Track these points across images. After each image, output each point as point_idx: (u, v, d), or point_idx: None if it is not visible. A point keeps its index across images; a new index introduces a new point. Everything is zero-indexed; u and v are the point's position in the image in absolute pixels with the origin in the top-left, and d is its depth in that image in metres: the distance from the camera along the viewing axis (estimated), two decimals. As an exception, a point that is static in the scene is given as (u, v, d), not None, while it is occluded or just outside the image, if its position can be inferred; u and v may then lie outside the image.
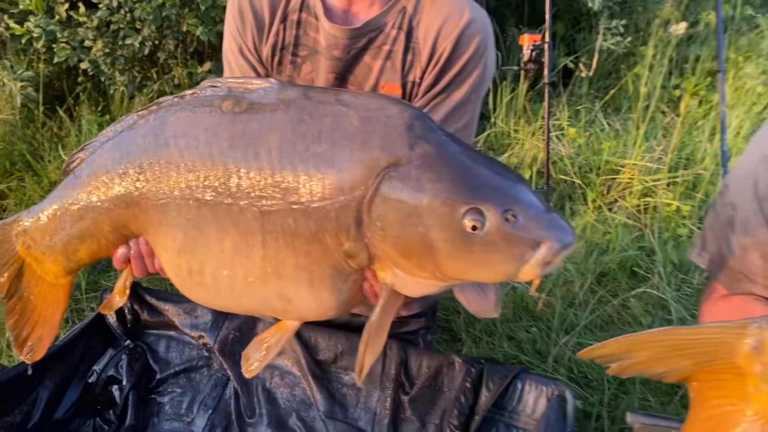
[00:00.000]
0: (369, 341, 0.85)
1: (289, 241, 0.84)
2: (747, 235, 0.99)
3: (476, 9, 1.16)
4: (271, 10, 1.21)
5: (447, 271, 0.77)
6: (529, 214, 0.73)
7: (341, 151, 0.79)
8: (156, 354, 1.47)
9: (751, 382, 0.72)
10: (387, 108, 0.80)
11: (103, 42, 2.86)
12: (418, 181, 0.75)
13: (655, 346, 0.75)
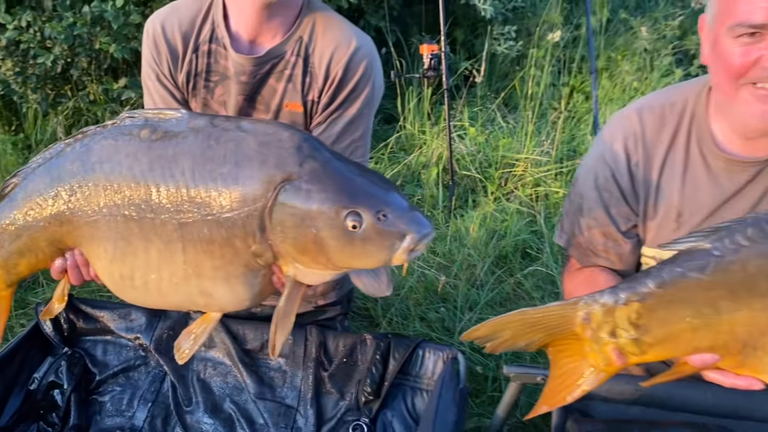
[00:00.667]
0: (278, 323, 1.02)
1: (206, 246, 0.99)
2: (591, 218, 1.24)
3: (362, 37, 1.36)
4: (183, 42, 1.36)
5: (336, 262, 0.95)
6: (396, 213, 0.91)
7: (243, 170, 0.95)
8: (94, 358, 1.58)
9: (586, 344, 0.96)
10: (279, 133, 0.97)
11: (13, 61, 2.87)
12: (308, 192, 0.93)
13: (515, 326, 0.97)
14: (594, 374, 0.95)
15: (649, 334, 0.90)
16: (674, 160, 1.13)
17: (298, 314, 1.59)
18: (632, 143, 1.15)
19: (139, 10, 2.74)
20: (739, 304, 0.84)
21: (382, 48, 3.41)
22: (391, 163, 2.93)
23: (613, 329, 0.91)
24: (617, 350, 0.91)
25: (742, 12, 0.96)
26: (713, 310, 0.85)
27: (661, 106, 1.15)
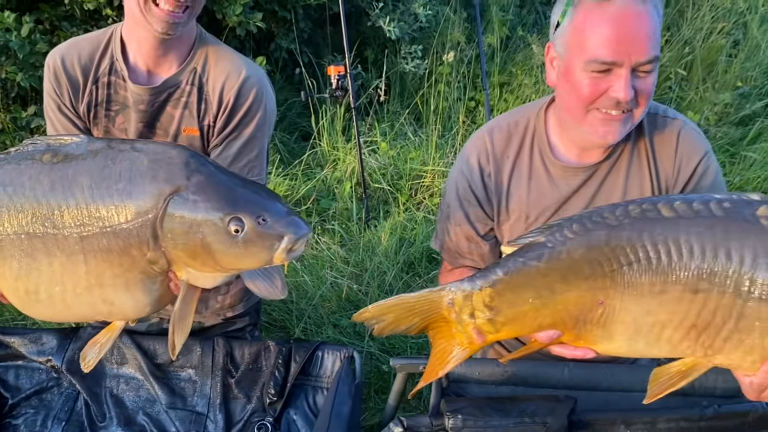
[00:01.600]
0: (176, 325, 1.11)
1: (105, 256, 1.08)
2: (456, 224, 1.40)
3: (252, 66, 1.48)
4: (83, 75, 1.44)
5: (223, 264, 1.05)
6: (275, 217, 1.03)
7: (136, 186, 1.05)
8: (6, 382, 1.62)
9: (453, 325, 1.10)
10: (169, 151, 1.08)
11: None
12: (194, 202, 1.03)
13: (396, 309, 1.11)
14: (460, 351, 1.10)
15: (501, 315, 1.05)
16: (520, 170, 1.31)
17: (207, 326, 1.71)
18: (484, 158, 1.33)
19: (45, 38, 2.76)
20: (569, 285, 1.00)
21: (295, 69, 3.55)
22: (306, 178, 3.06)
23: (472, 311, 1.06)
24: (476, 329, 1.07)
25: (594, 49, 1.12)
26: (550, 291, 1.02)
27: (507, 125, 1.33)
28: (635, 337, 0.99)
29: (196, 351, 1.58)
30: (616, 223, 0.96)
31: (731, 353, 0.94)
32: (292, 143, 3.39)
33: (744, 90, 3.63)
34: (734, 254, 0.89)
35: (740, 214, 0.90)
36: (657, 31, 1.13)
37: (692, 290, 0.92)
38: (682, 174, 1.24)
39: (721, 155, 3.13)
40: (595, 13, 1.12)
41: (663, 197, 0.99)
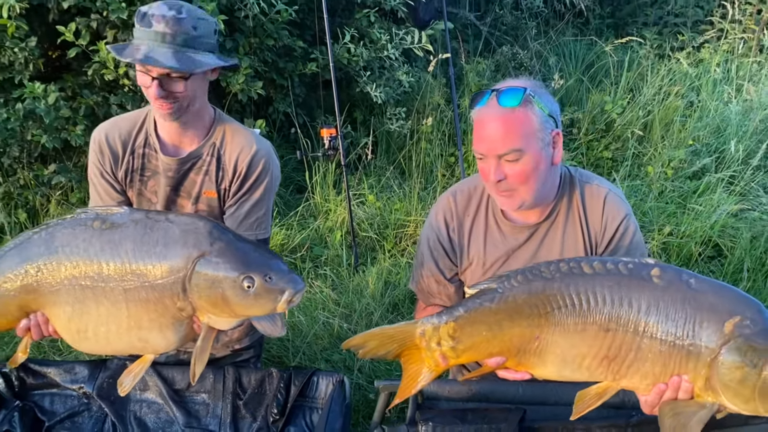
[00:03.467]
0: (197, 357, 1.38)
1: (143, 304, 1.33)
2: (427, 269, 1.70)
3: (261, 142, 1.79)
4: (122, 147, 1.76)
5: (237, 312, 1.31)
6: (278, 275, 1.29)
7: (170, 250, 1.31)
8: (42, 408, 1.86)
9: (423, 351, 1.38)
10: (196, 222, 1.35)
11: (-55, 152, 3.12)
12: (216, 264, 1.29)
13: (378, 338, 1.39)
14: (428, 373, 1.39)
15: (461, 344, 1.34)
16: (478, 227, 1.62)
17: (218, 357, 1.98)
18: (449, 216, 1.64)
19: (67, 104, 3.08)
20: (513, 323, 1.30)
21: (291, 129, 3.90)
22: (301, 228, 3.36)
23: (438, 340, 1.35)
24: (442, 355, 1.35)
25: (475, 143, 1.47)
26: (499, 327, 1.31)
27: (468, 189, 1.65)
28: (563, 364, 1.28)
29: (209, 378, 1.85)
30: (549, 276, 1.27)
31: (632, 378, 1.23)
32: (287, 196, 3.71)
33: (696, 147, 4.02)
34: (634, 303, 1.20)
35: (639, 273, 1.22)
36: (519, 128, 1.41)
37: (604, 329, 1.22)
38: (608, 231, 1.55)
39: (674, 207, 3.48)
40: (476, 117, 1.46)
41: (585, 258, 1.29)
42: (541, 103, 1.43)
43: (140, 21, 1.61)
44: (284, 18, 3.34)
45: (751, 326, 1.13)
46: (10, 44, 2.84)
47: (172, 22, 1.60)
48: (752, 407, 1.15)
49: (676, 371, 1.18)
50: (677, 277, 1.20)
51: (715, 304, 1.16)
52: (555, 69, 4.83)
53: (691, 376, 1.17)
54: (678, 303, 1.17)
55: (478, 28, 5.28)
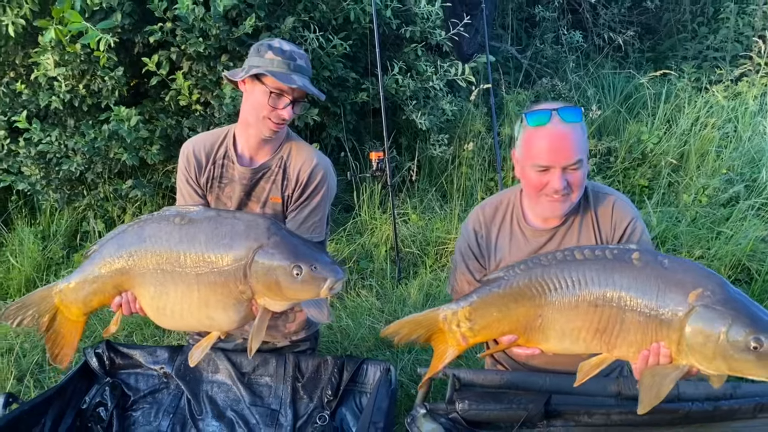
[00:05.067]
0: (254, 334, 1.60)
1: (212, 287, 1.57)
2: (460, 273, 1.92)
3: (321, 157, 2.06)
4: (206, 158, 2.05)
5: (288, 295, 1.53)
6: (322, 265, 1.51)
7: (236, 242, 1.55)
8: (129, 385, 2.16)
9: (446, 333, 1.61)
10: (257, 219, 1.60)
11: (38, 167, 3.52)
12: (272, 254, 1.52)
13: (409, 325, 1.63)
14: (452, 351, 1.61)
15: (477, 324, 1.57)
16: (504, 233, 1.85)
17: (279, 347, 2.24)
18: (478, 226, 1.87)
19: (145, 126, 3.45)
20: (518, 304, 1.52)
21: (341, 153, 4.20)
22: (348, 243, 3.63)
23: (458, 323, 1.58)
24: (462, 335, 1.58)
25: (536, 156, 1.66)
26: (507, 308, 1.53)
27: (495, 203, 1.88)
28: (563, 337, 1.50)
29: (272, 363, 2.11)
30: (547, 263, 1.50)
31: (621, 347, 1.44)
32: (336, 214, 3.99)
33: (730, 176, 4.14)
34: (617, 282, 1.41)
35: (622, 257, 1.44)
36: (580, 141, 1.63)
37: (594, 305, 1.43)
38: (617, 233, 1.76)
39: (706, 231, 3.62)
40: (538, 133, 1.65)
41: (578, 247, 1.51)
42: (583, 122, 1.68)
43: (280, 53, 1.88)
44: (339, 52, 3.66)
45: (711, 296, 1.33)
46: (101, 73, 3.23)
47: (305, 58, 1.93)
48: (715, 366, 1.35)
49: (655, 338, 1.38)
50: (653, 259, 1.41)
51: (682, 279, 1.36)
52: (593, 100, 5.03)
53: (666, 342, 1.37)
54: (652, 280, 1.38)
55: (520, 60, 5.54)
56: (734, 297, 1.36)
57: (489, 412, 1.69)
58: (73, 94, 3.33)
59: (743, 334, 1.31)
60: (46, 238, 3.67)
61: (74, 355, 1.82)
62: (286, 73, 1.87)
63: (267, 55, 1.88)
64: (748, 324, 1.31)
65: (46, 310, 1.75)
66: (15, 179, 3.49)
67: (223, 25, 3.19)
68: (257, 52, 1.91)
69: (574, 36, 5.35)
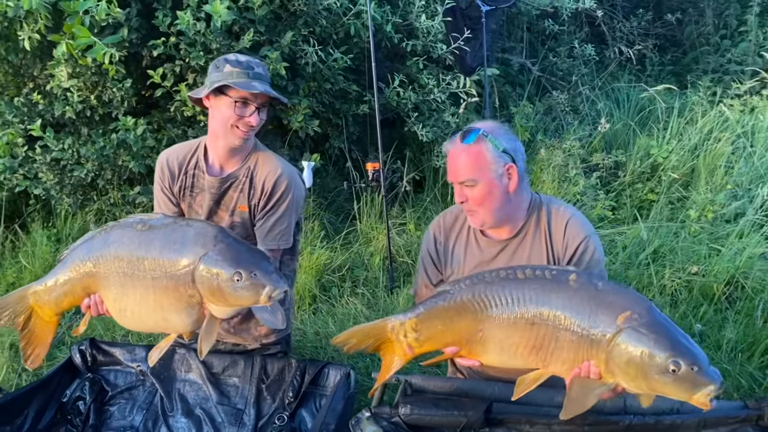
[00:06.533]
0: (203, 338, 1.67)
1: (165, 291, 1.65)
2: (420, 277, 1.98)
3: (287, 167, 2.13)
4: (178, 168, 2.15)
5: (229, 301, 1.59)
6: (262, 273, 1.57)
7: (185, 248, 1.63)
8: (108, 381, 2.27)
9: (394, 343, 1.67)
10: (207, 228, 1.68)
11: (53, 173, 3.72)
12: (216, 260, 1.57)
13: (358, 335, 1.70)
14: (399, 360, 1.67)
15: (422, 335, 1.63)
16: (461, 241, 1.90)
17: (250, 349, 2.31)
18: (437, 232, 1.93)
19: (153, 136, 3.61)
20: (461, 318, 1.57)
21: (345, 163, 4.30)
22: (345, 250, 3.71)
23: (405, 333, 1.64)
24: (408, 345, 1.64)
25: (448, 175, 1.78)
26: (450, 321, 1.58)
27: (456, 211, 1.93)
28: (501, 352, 1.54)
29: (240, 364, 2.19)
30: (490, 280, 1.54)
31: (556, 364, 1.47)
32: (337, 223, 4.08)
33: (736, 192, 4.07)
34: (553, 302, 1.46)
35: (559, 278, 1.48)
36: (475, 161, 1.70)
37: (531, 323, 1.48)
38: (569, 250, 1.79)
39: (706, 249, 3.56)
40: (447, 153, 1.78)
41: (521, 266, 1.56)
42: (496, 141, 1.72)
43: (237, 65, 1.98)
44: (340, 65, 3.76)
45: (638, 319, 1.36)
46: (110, 85, 3.40)
47: (262, 66, 2.03)
48: (637, 385, 1.37)
49: (585, 357, 1.41)
50: (588, 281, 1.44)
51: (612, 302, 1.40)
52: (603, 113, 5.00)
53: (596, 361, 1.40)
54: (585, 301, 1.41)
55: (532, 72, 5.55)
56: (659, 321, 1.41)
57: (430, 417, 1.74)
58: (86, 104, 3.51)
59: (663, 357, 1.35)
60: (60, 241, 3.86)
61: (46, 355, 1.93)
62: (246, 81, 1.96)
63: (225, 69, 1.98)
64: (668, 348, 1.36)
65: (22, 311, 1.86)
66: (31, 184, 3.70)
67: (223, 40, 3.32)
68: (216, 68, 2.01)
69: (586, 49, 5.32)
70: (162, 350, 1.80)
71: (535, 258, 1.81)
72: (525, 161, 1.83)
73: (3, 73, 3.67)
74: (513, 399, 1.54)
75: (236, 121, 1.99)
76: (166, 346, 1.80)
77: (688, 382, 1.33)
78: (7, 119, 3.56)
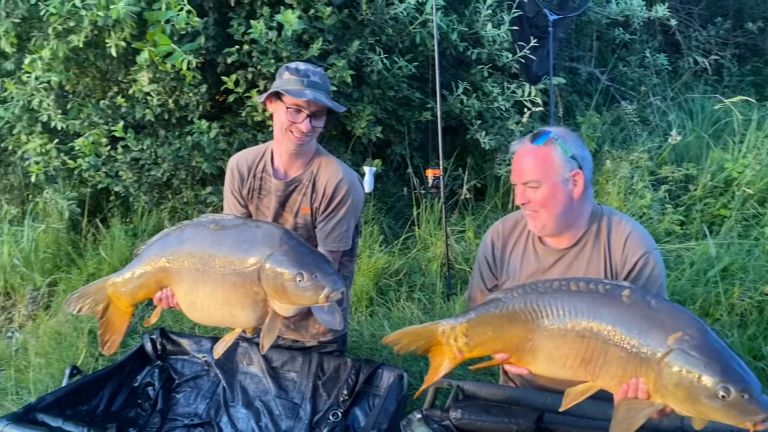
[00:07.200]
0: (266, 334, 1.75)
1: (233, 287, 1.74)
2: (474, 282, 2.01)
3: (348, 171, 2.20)
4: (247, 172, 2.27)
5: (291, 300, 1.67)
6: (322, 275, 1.64)
7: (253, 248, 1.72)
8: (175, 369, 2.41)
9: (444, 346, 1.70)
10: (273, 229, 1.77)
11: (132, 172, 3.95)
12: (280, 260, 1.66)
13: (409, 336, 1.74)
14: (448, 363, 1.70)
15: (472, 341, 1.65)
16: (518, 248, 1.91)
17: (308, 346, 2.40)
18: (495, 237, 1.95)
19: (224, 139, 3.78)
20: (512, 326, 1.59)
21: (407, 169, 4.35)
22: (401, 256, 3.76)
23: (455, 337, 1.67)
24: (458, 349, 1.67)
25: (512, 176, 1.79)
26: (501, 329, 1.60)
27: (515, 218, 1.95)
28: (550, 363, 1.55)
29: (298, 360, 2.28)
30: (543, 291, 1.56)
31: (604, 378, 1.47)
32: (396, 228, 4.14)
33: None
34: (604, 316, 1.45)
35: (613, 293, 1.47)
36: (541, 162, 1.70)
37: (581, 336, 1.48)
38: (627, 264, 1.76)
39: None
40: (514, 153, 1.79)
41: (575, 278, 1.56)
42: (565, 145, 1.72)
43: (295, 73, 2.07)
44: (404, 73, 3.83)
45: (689, 341, 1.34)
46: (187, 90, 3.59)
47: (320, 75, 2.11)
48: (686, 408, 1.35)
49: (634, 374, 1.40)
50: (641, 298, 1.43)
51: (665, 321, 1.38)
52: (674, 124, 4.85)
53: (644, 379, 1.39)
54: (637, 318, 1.40)
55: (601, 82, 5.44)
56: (711, 345, 1.38)
57: (481, 423, 1.76)
58: (164, 107, 3.72)
59: (713, 381, 1.33)
60: (136, 236, 4.10)
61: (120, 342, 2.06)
62: (299, 89, 2.04)
63: (284, 76, 2.08)
64: (719, 372, 1.33)
65: (101, 300, 2.00)
66: (112, 181, 3.94)
67: (293, 48, 3.45)
68: (278, 75, 2.12)
69: (658, 58, 5.18)
70: (227, 344, 1.89)
71: (592, 270, 1.80)
72: (592, 171, 1.82)
73: (91, 78, 3.93)
74: (560, 410, 1.55)
75: (289, 126, 2.08)
76: (231, 340, 1.88)
77: (738, 409, 1.30)
78: (93, 120, 3.81)
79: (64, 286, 3.68)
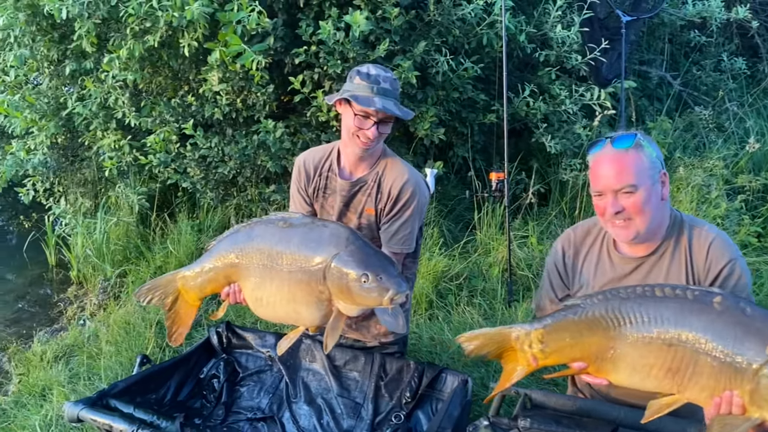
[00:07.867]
0: (329, 333, 1.75)
1: (298, 284, 1.75)
2: (544, 290, 1.94)
3: (413, 173, 2.18)
4: (314, 170, 2.28)
5: (356, 300, 1.66)
6: (387, 276, 1.62)
7: (320, 246, 1.73)
8: (240, 363, 2.45)
9: (518, 352, 1.66)
10: (339, 229, 1.77)
11: (200, 169, 4.06)
12: (346, 261, 1.65)
13: (482, 338, 1.70)
14: (521, 370, 1.65)
15: (548, 347, 1.60)
16: (592, 256, 1.84)
17: (369, 346, 2.39)
18: (567, 245, 1.88)
19: (289, 138, 3.84)
20: (592, 333, 1.52)
21: (468, 172, 4.30)
22: (462, 259, 3.71)
23: (530, 343, 1.62)
24: (533, 356, 1.62)
25: (592, 183, 1.69)
26: (579, 335, 1.55)
27: (588, 225, 1.88)
28: (633, 373, 1.47)
29: (360, 360, 2.28)
30: (625, 296, 1.49)
31: (693, 390, 1.39)
32: (456, 231, 4.09)
33: None
34: (694, 324, 1.37)
35: (703, 300, 1.39)
36: (632, 166, 1.61)
37: (668, 344, 1.40)
38: (711, 273, 1.67)
39: None
40: (593, 160, 1.69)
41: (659, 284, 1.48)
42: (650, 147, 1.65)
43: (365, 78, 2.06)
44: (470, 74, 3.78)
45: None
46: (255, 90, 3.66)
47: (390, 80, 2.09)
48: None
49: (728, 386, 1.32)
50: (734, 305, 1.35)
51: (761, 329, 1.29)
52: (752, 131, 4.61)
53: (739, 391, 1.30)
54: (730, 326, 1.32)
55: (673, 86, 5.24)
56: None
57: (550, 434, 1.70)
58: (232, 107, 3.80)
59: None
60: (202, 231, 4.20)
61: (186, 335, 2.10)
62: (368, 96, 2.03)
63: (355, 80, 2.07)
64: None
65: (171, 292, 2.04)
66: (180, 178, 4.05)
67: (360, 49, 3.46)
68: (349, 78, 2.11)
69: (736, 62, 4.94)
70: (291, 341, 1.91)
71: (672, 279, 1.71)
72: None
73: (164, 77, 4.06)
74: (642, 422, 1.48)
75: (356, 131, 2.07)
76: (295, 338, 1.90)
77: None
78: (164, 118, 3.93)
79: (133, 277, 3.81)
